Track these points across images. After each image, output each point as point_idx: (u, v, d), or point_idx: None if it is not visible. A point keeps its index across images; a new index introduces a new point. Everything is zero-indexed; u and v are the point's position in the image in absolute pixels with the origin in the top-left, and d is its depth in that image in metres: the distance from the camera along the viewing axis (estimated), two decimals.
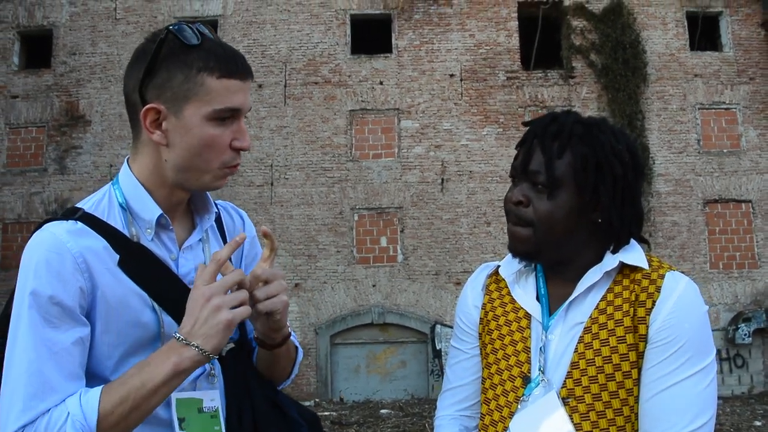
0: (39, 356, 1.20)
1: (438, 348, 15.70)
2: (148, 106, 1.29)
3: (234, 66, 1.31)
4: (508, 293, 1.52)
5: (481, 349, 1.55)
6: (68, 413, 1.18)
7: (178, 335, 1.22)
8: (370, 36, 17.36)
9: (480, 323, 1.56)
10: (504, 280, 1.54)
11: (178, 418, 1.34)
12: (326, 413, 13.31)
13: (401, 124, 16.59)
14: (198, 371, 1.38)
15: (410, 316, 15.88)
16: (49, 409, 1.19)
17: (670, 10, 17.06)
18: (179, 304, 1.33)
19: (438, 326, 15.75)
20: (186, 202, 1.44)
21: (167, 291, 1.35)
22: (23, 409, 1.18)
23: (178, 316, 1.33)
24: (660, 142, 16.46)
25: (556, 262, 1.45)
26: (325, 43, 16.91)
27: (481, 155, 16.43)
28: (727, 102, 16.74)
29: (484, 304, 1.56)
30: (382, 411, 13.76)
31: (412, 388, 15.80)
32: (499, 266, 1.57)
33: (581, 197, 1.39)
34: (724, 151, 16.57)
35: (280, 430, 1.45)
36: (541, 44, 17.05)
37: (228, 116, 1.32)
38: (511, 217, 1.44)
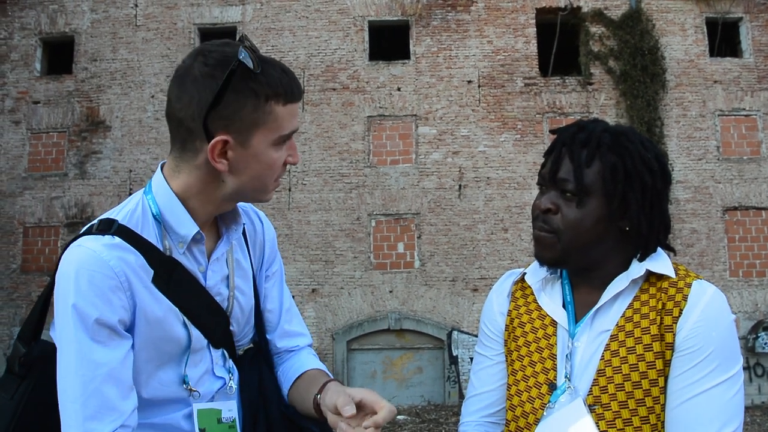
0: (95, 377, 1.20)
1: (454, 354, 15.66)
2: (217, 138, 1.27)
3: (296, 89, 1.32)
4: (534, 300, 1.53)
5: (506, 355, 1.55)
6: None
7: None
8: (388, 42, 17.42)
9: (505, 330, 1.56)
10: (530, 287, 1.54)
11: (200, 429, 1.35)
12: None
13: (419, 131, 16.60)
14: (218, 385, 1.41)
15: (427, 323, 15.85)
16: None
17: (690, 16, 16.95)
18: (207, 317, 1.36)
19: (455, 332, 15.72)
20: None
21: (197, 306, 1.36)
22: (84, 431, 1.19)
23: (205, 329, 1.36)
24: (679, 149, 16.35)
25: (583, 269, 1.45)
26: (343, 50, 16.97)
27: (498, 161, 16.40)
28: (747, 108, 16.60)
29: (509, 311, 1.56)
30: (399, 417, 13.75)
31: (428, 395, 15.76)
32: (524, 273, 1.57)
33: (610, 205, 1.39)
34: (744, 158, 16.43)
35: None
36: (559, 51, 17.01)
37: (287, 138, 1.34)
38: (537, 224, 1.44)
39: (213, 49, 1.29)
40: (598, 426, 1.35)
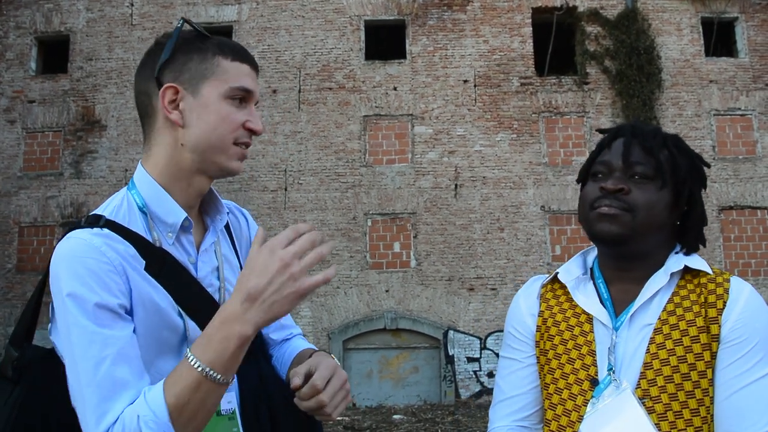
0: (104, 358, 1.18)
1: (450, 354, 15.66)
2: (166, 84, 1.33)
3: (245, 53, 1.39)
4: (567, 300, 1.54)
5: (539, 356, 1.55)
6: (138, 416, 1.15)
7: (241, 299, 1.15)
8: (384, 42, 17.41)
9: (538, 331, 1.56)
10: (560, 288, 1.56)
11: None
12: (339, 418, 13.32)
13: (415, 130, 16.61)
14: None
15: (423, 322, 15.85)
16: (123, 411, 1.16)
17: (685, 16, 16.99)
18: (200, 308, 1.36)
19: (451, 332, 15.72)
20: (199, 203, 1.45)
21: (189, 296, 1.36)
22: (99, 415, 1.16)
23: (199, 320, 1.35)
24: None
25: (634, 256, 1.46)
26: (339, 49, 16.97)
27: (494, 161, 16.41)
28: (742, 108, 16.64)
29: (541, 312, 1.57)
30: (395, 416, 13.75)
31: (424, 394, 15.77)
32: (556, 273, 1.58)
33: (677, 194, 1.44)
34: (740, 157, 16.47)
35: (298, 428, 1.46)
36: (555, 50, 17.02)
37: (241, 96, 1.36)
38: (605, 202, 1.43)
39: (168, 32, 1.40)
40: (650, 418, 1.35)
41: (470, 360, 15.61)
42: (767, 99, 16.65)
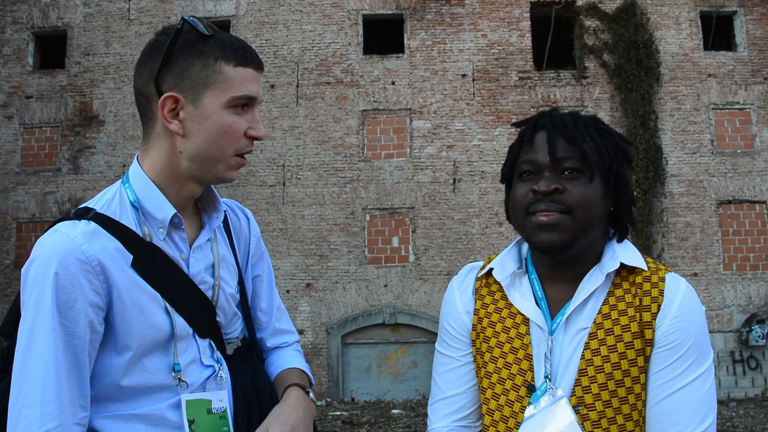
0: (57, 362, 1.20)
1: None
2: (166, 94, 1.28)
3: (249, 55, 1.33)
4: (502, 297, 1.47)
5: (476, 356, 1.49)
6: None
7: None
8: (382, 36, 17.37)
9: (474, 330, 1.49)
10: (495, 283, 1.49)
11: (188, 420, 1.33)
12: (337, 413, 13.33)
13: (413, 124, 16.59)
14: (208, 373, 1.39)
15: (422, 317, 15.86)
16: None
17: (684, 10, 16.96)
18: (191, 305, 1.35)
19: None
20: (194, 200, 1.44)
21: (179, 292, 1.35)
22: (43, 414, 1.18)
23: (189, 316, 1.35)
24: (673, 143, 16.37)
25: (574, 256, 1.39)
26: (338, 44, 16.93)
27: (493, 155, 16.40)
28: (741, 102, 16.63)
29: (476, 310, 1.50)
30: (394, 411, 13.76)
31: (423, 389, 15.78)
32: (491, 269, 1.51)
33: (607, 182, 1.39)
34: (738, 151, 16.46)
35: None
36: (554, 44, 17.01)
37: (244, 104, 1.33)
38: (542, 207, 1.35)
39: (170, 25, 1.34)
40: (583, 427, 1.33)
41: None
42: (766, 93, 16.64)
